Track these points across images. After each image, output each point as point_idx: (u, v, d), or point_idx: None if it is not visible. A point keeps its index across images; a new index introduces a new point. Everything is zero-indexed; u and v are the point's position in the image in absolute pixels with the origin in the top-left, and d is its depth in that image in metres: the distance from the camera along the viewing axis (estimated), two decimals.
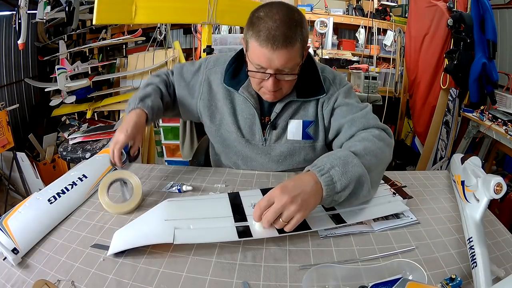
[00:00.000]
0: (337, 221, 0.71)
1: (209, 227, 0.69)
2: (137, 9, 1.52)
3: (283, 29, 0.75)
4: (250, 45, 0.80)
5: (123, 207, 0.78)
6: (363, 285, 0.54)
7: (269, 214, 0.64)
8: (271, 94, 0.86)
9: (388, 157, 0.82)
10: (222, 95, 0.97)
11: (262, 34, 0.75)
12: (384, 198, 0.80)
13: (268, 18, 0.76)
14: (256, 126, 0.96)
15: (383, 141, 0.82)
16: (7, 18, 2.67)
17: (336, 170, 0.68)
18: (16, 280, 0.58)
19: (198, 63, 1.03)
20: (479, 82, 2.06)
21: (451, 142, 2.38)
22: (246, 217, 0.72)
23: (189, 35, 3.25)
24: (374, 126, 0.87)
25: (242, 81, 0.93)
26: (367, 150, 0.76)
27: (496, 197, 0.65)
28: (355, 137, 0.86)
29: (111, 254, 0.63)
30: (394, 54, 3.15)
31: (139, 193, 0.80)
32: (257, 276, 0.58)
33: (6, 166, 2.34)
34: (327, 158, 0.71)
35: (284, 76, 0.82)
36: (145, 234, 0.67)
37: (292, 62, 0.80)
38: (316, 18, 2.99)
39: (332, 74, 0.97)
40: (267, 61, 0.78)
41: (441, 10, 2.38)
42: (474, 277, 0.56)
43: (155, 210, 0.74)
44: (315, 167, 0.69)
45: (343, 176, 0.67)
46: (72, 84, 2.58)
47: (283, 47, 0.76)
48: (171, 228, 0.66)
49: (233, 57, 0.96)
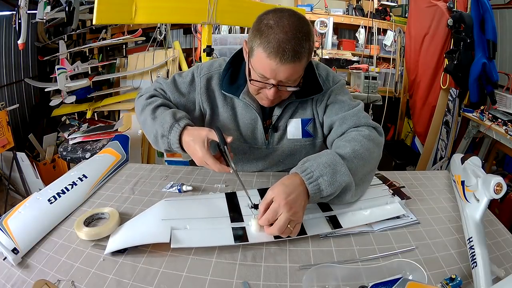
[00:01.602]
0: (333, 224, 0.71)
1: (206, 228, 0.69)
2: (137, 9, 1.52)
3: (294, 43, 0.73)
4: (255, 53, 0.77)
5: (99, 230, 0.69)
6: (363, 285, 0.54)
7: (268, 214, 0.65)
8: (269, 101, 0.86)
9: (376, 157, 0.83)
10: (221, 102, 0.95)
11: (271, 46, 0.72)
12: (383, 199, 0.80)
13: (279, 29, 0.73)
14: (258, 131, 0.96)
15: (372, 141, 0.83)
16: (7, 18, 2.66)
17: (324, 179, 0.69)
18: (16, 280, 0.58)
19: (190, 73, 0.98)
20: (479, 82, 2.06)
21: (451, 142, 2.38)
22: (242, 218, 0.72)
23: (189, 35, 3.25)
24: (365, 124, 0.88)
25: (241, 86, 0.91)
26: (356, 153, 0.76)
27: (496, 197, 0.65)
28: (345, 135, 0.87)
29: (108, 253, 0.64)
30: (394, 54, 3.15)
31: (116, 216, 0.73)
32: (257, 276, 0.58)
33: (6, 166, 2.34)
34: (317, 164, 0.71)
35: (285, 87, 0.81)
36: (142, 233, 0.67)
37: (296, 75, 0.79)
38: (316, 18, 2.98)
39: (325, 71, 0.97)
40: (272, 72, 0.76)
41: (441, 10, 2.38)
42: (474, 277, 0.56)
43: (152, 210, 0.75)
44: (304, 173, 0.69)
45: (330, 186, 0.69)
46: (72, 84, 2.58)
47: (291, 61, 0.74)
48: (167, 228, 0.66)
49: (228, 62, 0.94)
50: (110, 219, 0.72)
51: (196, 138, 0.78)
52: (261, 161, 0.99)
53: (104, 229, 0.69)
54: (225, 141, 0.77)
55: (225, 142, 0.76)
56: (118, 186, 0.91)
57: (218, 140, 0.77)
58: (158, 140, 0.84)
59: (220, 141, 0.76)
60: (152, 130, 0.85)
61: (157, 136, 0.84)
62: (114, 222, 0.71)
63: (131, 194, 0.86)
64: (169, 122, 0.81)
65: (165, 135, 0.81)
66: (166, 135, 0.81)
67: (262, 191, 0.82)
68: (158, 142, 0.84)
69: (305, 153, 0.97)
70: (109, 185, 0.91)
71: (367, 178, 0.80)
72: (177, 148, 0.81)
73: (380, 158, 0.84)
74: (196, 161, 0.79)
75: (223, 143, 0.76)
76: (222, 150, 0.78)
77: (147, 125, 0.88)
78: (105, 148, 1.09)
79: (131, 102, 2.72)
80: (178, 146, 0.81)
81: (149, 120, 0.87)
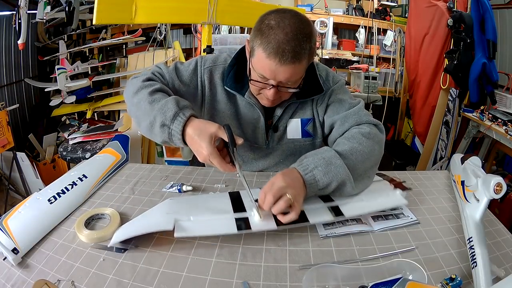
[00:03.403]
0: (335, 213, 0.72)
1: (209, 219, 0.70)
2: (137, 9, 1.52)
3: (294, 44, 0.72)
4: (256, 53, 0.76)
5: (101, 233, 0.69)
6: (363, 285, 0.54)
7: (273, 190, 0.66)
8: (270, 102, 0.86)
9: (377, 154, 0.84)
10: (224, 97, 0.94)
11: (271, 46, 0.72)
12: (384, 191, 0.80)
13: (280, 30, 0.72)
14: (259, 130, 0.96)
15: (373, 139, 0.83)
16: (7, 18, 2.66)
17: (319, 170, 0.72)
18: (16, 280, 0.58)
19: (193, 63, 0.94)
20: (479, 82, 2.06)
21: (451, 142, 2.38)
22: (245, 209, 0.73)
23: (189, 35, 3.25)
24: (366, 122, 0.89)
25: (246, 85, 0.90)
26: (353, 151, 0.78)
27: (496, 197, 0.65)
28: (346, 133, 0.87)
29: (113, 244, 0.65)
30: (394, 54, 3.15)
31: (117, 219, 0.73)
32: (257, 276, 0.58)
33: (6, 166, 2.34)
34: (312, 158, 0.75)
35: (286, 88, 0.81)
36: (146, 224, 0.68)
37: (296, 76, 0.79)
38: (316, 18, 2.98)
39: (325, 71, 0.97)
40: (271, 73, 0.76)
41: (441, 10, 2.38)
42: (474, 277, 0.56)
43: (158, 207, 0.75)
44: (300, 166, 0.73)
45: (325, 176, 0.72)
46: (72, 84, 2.58)
47: (291, 62, 0.73)
48: (171, 219, 0.67)
49: (233, 58, 0.93)
50: (111, 221, 0.72)
51: (203, 133, 0.70)
52: (261, 161, 0.99)
53: (106, 232, 0.69)
54: (235, 143, 0.70)
55: (235, 143, 0.70)
56: (118, 186, 0.91)
57: (227, 140, 0.71)
58: (155, 129, 0.74)
59: (230, 142, 0.70)
60: (148, 116, 0.75)
61: (153, 124, 0.74)
62: (115, 225, 0.71)
63: (131, 194, 0.86)
64: (172, 109, 0.72)
65: (167, 124, 0.72)
66: (168, 125, 0.72)
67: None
68: (154, 131, 0.75)
69: (304, 153, 0.97)
70: (109, 185, 0.91)
71: (368, 174, 0.80)
72: (178, 140, 0.72)
73: (381, 155, 0.85)
74: (199, 158, 0.72)
75: (233, 145, 0.70)
76: (229, 150, 0.72)
77: (140, 109, 0.78)
78: (105, 148, 1.09)
79: None
80: (180, 138, 0.72)
81: (144, 104, 0.77)
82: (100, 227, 0.72)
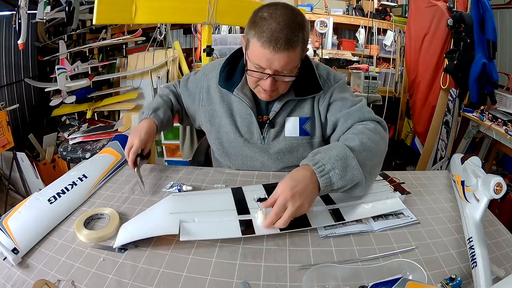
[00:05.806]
0: (336, 217, 0.73)
1: (214, 221, 0.70)
2: (137, 9, 1.52)
3: (286, 32, 0.76)
4: (251, 44, 0.80)
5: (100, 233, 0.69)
6: (363, 285, 0.54)
7: (276, 208, 0.66)
8: (267, 94, 0.87)
9: (383, 150, 0.84)
10: (219, 97, 0.99)
11: (265, 35, 0.76)
12: (384, 194, 0.81)
13: (272, 20, 0.77)
14: (253, 125, 0.97)
15: (379, 134, 0.84)
16: (7, 18, 2.66)
17: (335, 172, 0.70)
18: (16, 280, 0.58)
19: (200, 72, 1.07)
20: (479, 82, 2.05)
21: (451, 142, 2.38)
22: (249, 210, 0.74)
23: (189, 35, 3.24)
24: (369, 119, 0.90)
25: (236, 83, 0.95)
26: (364, 146, 0.78)
27: (496, 197, 0.65)
28: (351, 129, 0.88)
29: (118, 245, 0.65)
30: (394, 54, 3.15)
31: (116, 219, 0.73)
32: (257, 276, 0.58)
33: (6, 166, 2.34)
34: (329, 157, 0.72)
35: (282, 77, 0.83)
36: (151, 226, 0.68)
37: (291, 64, 0.81)
38: (316, 18, 2.98)
39: (326, 70, 0.99)
40: (267, 62, 0.79)
41: (441, 10, 2.38)
42: (474, 277, 0.56)
43: (160, 204, 0.76)
44: (316, 165, 0.70)
45: (341, 179, 0.71)
46: (72, 84, 2.57)
47: (285, 49, 0.76)
48: (176, 221, 0.68)
49: (226, 59, 0.98)
50: (110, 221, 0.72)
51: (137, 131, 0.93)
52: (258, 157, 1.00)
53: (105, 232, 0.69)
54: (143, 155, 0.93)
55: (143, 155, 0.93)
56: (118, 186, 0.91)
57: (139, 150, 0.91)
58: (144, 111, 1.02)
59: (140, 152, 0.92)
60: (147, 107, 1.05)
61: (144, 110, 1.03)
62: (114, 225, 0.71)
63: (131, 194, 0.86)
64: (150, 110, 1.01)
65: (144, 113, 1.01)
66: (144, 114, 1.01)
67: (266, 187, 0.85)
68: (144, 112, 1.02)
69: (302, 151, 0.98)
70: (109, 185, 0.92)
71: (374, 171, 0.81)
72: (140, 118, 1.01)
73: (386, 152, 0.85)
74: (128, 140, 0.92)
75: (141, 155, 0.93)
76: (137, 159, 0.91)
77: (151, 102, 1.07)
78: (105, 148, 1.09)
79: (131, 102, 2.72)
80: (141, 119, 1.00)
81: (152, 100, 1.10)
82: (100, 227, 0.72)
